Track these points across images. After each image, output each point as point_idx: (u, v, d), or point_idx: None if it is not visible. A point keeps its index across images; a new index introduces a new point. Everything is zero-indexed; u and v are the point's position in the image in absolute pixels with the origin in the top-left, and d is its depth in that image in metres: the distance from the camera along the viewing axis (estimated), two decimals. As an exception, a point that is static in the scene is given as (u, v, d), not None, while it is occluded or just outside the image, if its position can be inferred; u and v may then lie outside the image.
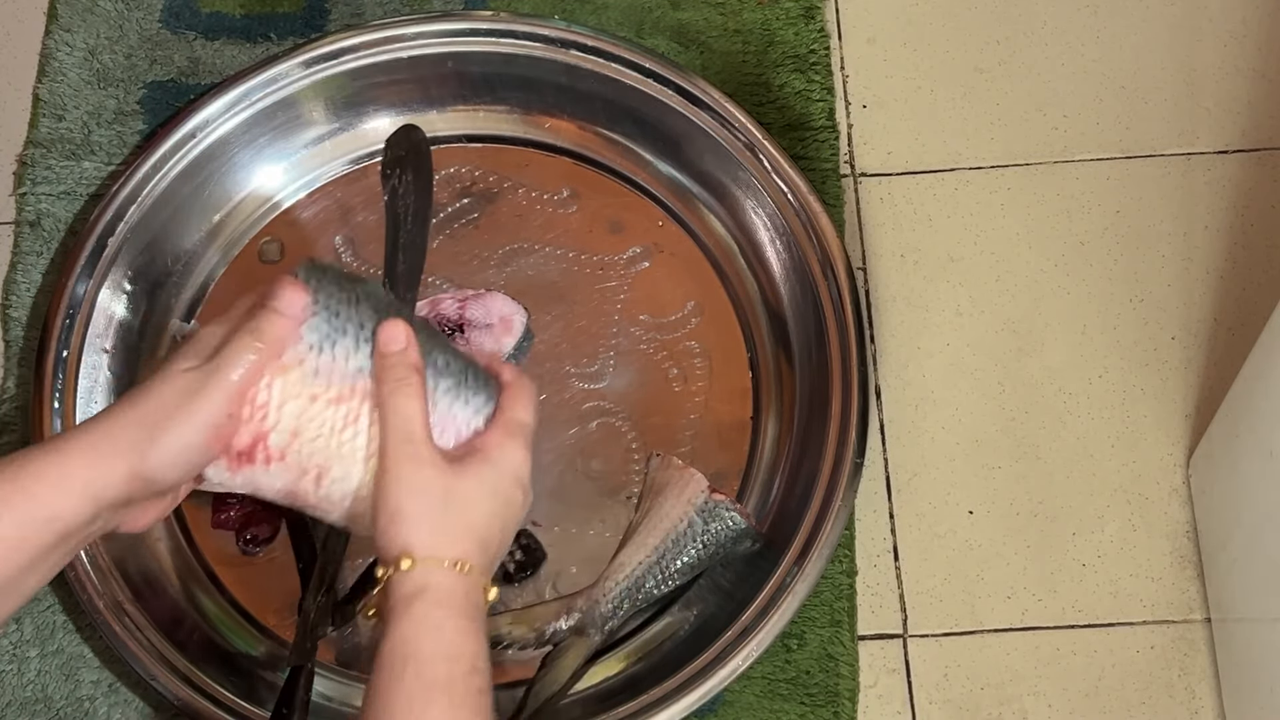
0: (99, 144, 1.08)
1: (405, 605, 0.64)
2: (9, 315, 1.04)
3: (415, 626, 0.64)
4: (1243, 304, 1.03)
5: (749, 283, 1.04)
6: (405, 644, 0.63)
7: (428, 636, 0.64)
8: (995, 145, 1.09)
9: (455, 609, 0.65)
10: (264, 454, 0.68)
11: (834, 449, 0.94)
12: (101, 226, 1.01)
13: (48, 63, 1.11)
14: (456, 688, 0.63)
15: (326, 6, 1.13)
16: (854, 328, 0.97)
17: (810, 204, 1.01)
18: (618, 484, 0.98)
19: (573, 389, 1.00)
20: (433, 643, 0.64)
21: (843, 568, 0.95)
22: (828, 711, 0.92)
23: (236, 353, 0.66)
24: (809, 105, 1.08)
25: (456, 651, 0.64)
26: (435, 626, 0.64)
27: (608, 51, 1.05)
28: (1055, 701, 0.93)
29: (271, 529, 0.96)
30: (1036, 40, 1.12)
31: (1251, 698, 0.88)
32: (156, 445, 0.64)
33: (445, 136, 1.08)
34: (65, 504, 0.63)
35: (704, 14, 1.12)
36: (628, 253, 1.04)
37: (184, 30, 1.13)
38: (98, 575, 0.92)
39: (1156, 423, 1.00)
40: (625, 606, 0.90)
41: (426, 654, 0.63)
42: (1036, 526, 0.98)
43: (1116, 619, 0.95)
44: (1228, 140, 1.08)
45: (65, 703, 0.93)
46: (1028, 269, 1.05)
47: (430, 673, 0.63)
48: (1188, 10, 1.13)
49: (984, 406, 1.01)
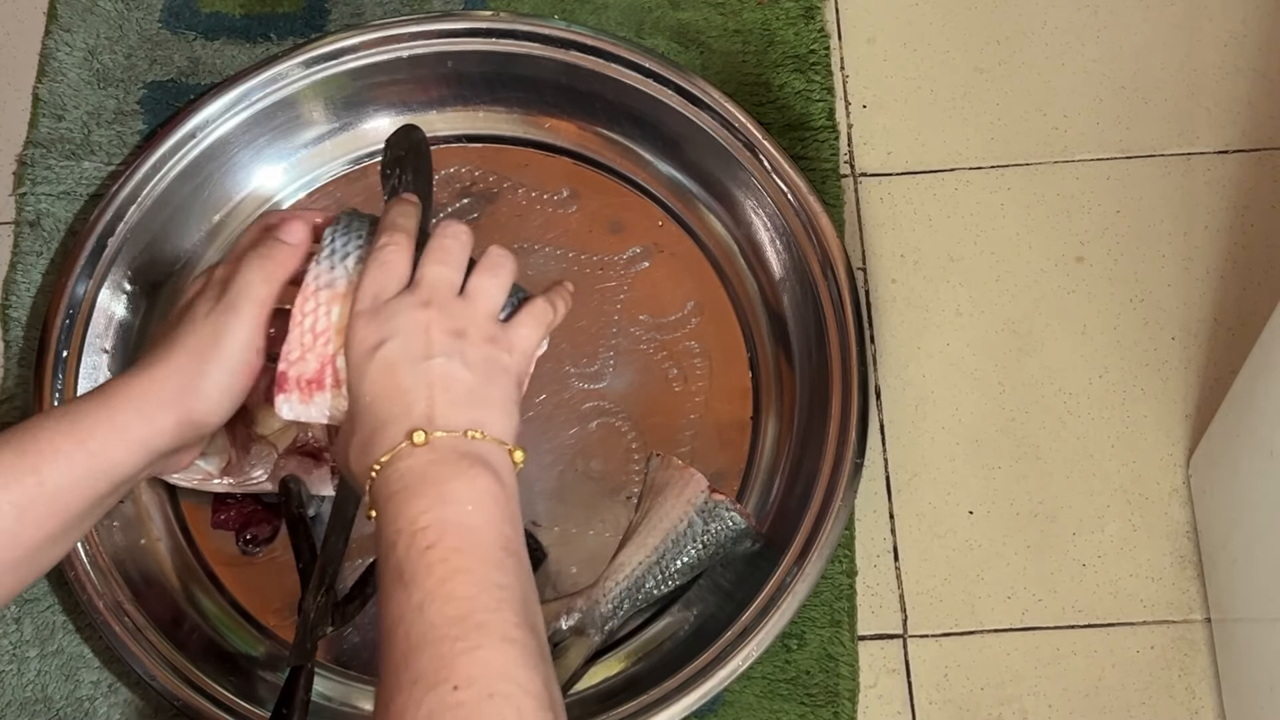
0: (99, 144, 1.08)
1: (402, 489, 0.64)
2: (9, 315, 1.04)
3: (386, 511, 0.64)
4: (1243, 304, 1.03)
5: (749, 283, 1.04)
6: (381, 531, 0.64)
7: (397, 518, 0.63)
8: (995, 145, 1.09)
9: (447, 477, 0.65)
10: (333, 378, 0.70)
11: (834, 449, 0.94)
12: (101, 226, 1.01)
13: (48, 63, 1.11)
14: (405, 565, 0.62)
15: (326, 6, 1.13)
16: (854, 328, 0.97)
17: (810, 204, 1.01)
18: (618, 484, 0.98)
19: (573, 389, 1.00)
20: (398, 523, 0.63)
21: (843, 568, 0.95)
22: (828, 711, 0.92)
23: (246, 284, 0.69)
24: (809, 105, 1.08)
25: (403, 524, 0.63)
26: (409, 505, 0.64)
27: (608, 51, 1.05)
28: (1055, 701, 0.93)
29: (271, 529, 0.96)
30: (1036, 40, 1.12)
31: (1251, 698, 0.88)
32: (198, 391, 0.68)
33: (445, 136, 1.08)
34: (121, 455, 0.67)
35: (704, 14, 1.12)
36: (628, 253, 1.05)
37: (184, 30, 1.13)
38: (98, 575, 0.92)
39: (1156, 423, 1.00)
40: (625, 606, 0.90)
41: (385, 540, 0.63)
42: (1036, 526, 0.98)
43: (1116, 619, 0.95)
44: (1228, 140, 1.08)
45: (65, 703, 0.93)
46: (1028, 269, 1.05)
47: (390, 559, 0.62)
48: (1188, 10, 1.13)
49: (984, 406, 1.01)
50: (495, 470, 0.65)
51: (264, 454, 0.93)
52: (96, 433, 0.66)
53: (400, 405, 0.66)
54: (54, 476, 0.65)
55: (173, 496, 0.98)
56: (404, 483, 0.64)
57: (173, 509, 0.98)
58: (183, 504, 0.98)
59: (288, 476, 0.93)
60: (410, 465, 0.64)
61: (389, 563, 0.62)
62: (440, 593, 0.60)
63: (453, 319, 0.68)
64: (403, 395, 0.66)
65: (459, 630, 0.59)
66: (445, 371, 0.67)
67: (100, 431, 0.66)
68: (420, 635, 0.59)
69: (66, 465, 0.65)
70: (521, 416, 0.70)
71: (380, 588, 0.63)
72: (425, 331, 0.67)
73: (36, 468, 0.65)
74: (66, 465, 0.65)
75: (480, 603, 0.60)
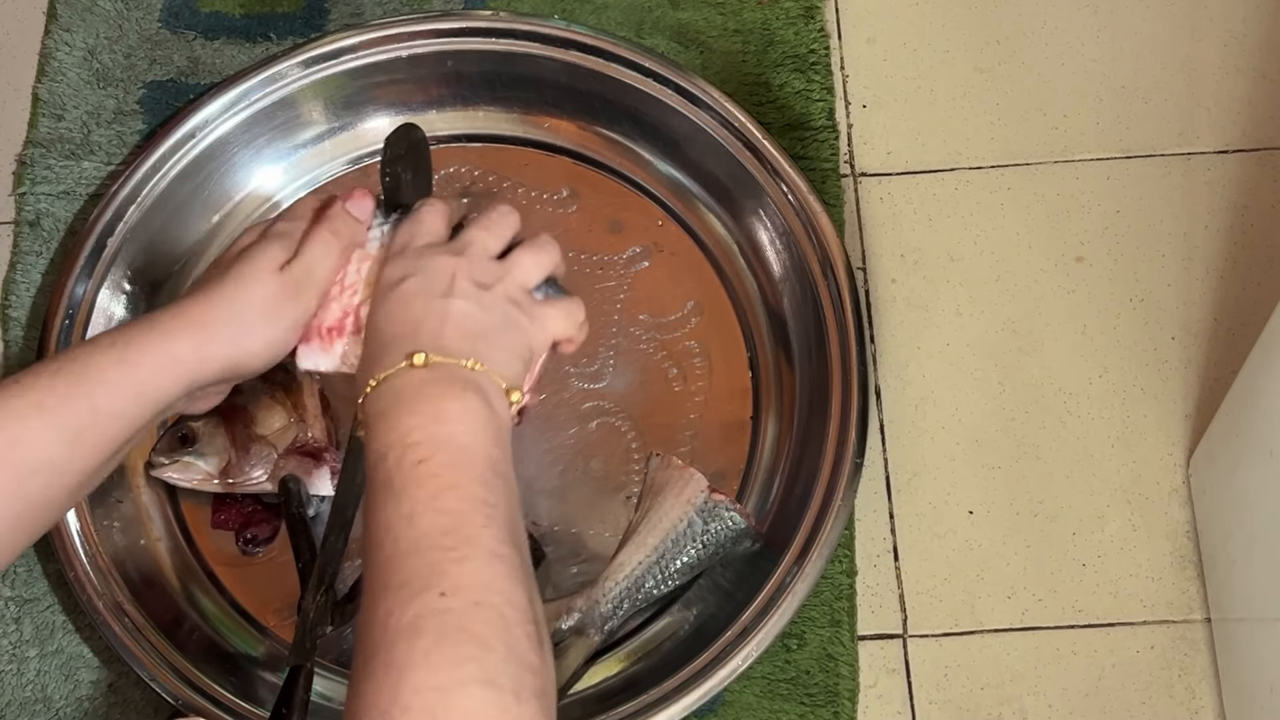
0: (99, 144, 1.08)
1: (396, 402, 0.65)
2: (9, 315, 1.04)
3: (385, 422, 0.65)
4: (1243, 304, 1.03)
5: (749, 283, 1.04)
6: (373, 443, 0.64)
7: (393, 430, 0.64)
8: (995, 145, 1.09)
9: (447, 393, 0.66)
10: (354, 324, 0.73)
11: (834, 449, 0.94)
12: (101, 226, 1.01)
13: (47, 62, 1.11)
14: (394, 476, 0.62)
15: (326, 6, 1.13)
16: (854, 328, 0.97)
17: (810, 204, 1.01)
18: (618, 484, 0.98)
19: (573, 389, 1.00)
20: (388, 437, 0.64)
21: (843, 568, 0.95)
22: (828, 711, 0.92)
23: (324, 256, 0.72)
24: (809, 105, 1.08)
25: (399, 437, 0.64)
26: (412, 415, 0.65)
27: (608, 51, 1.05)
28: (1055, 701, 0.93)
29: (271, 529, 0.96)
30: (1036, 40, 1.12)
31: (1251, 698, 0.88)
32: (254, 338, 0.70)
33: (445, 136, 1.08)
34: (168, 384, 0.68)
35: (704, 14, 1.12)
36: (627, 252, 1.04)
37: (184, 30, 1.13)
38: (98, 575, 0.92)
39: (1156, 423, 1.00)
40: (625, 606, 0.90)
41: (375, 453, 0.64)
42: (1036, 526, 0.98)
43: (1116, 619, 0.95)
44: (1228, 140, 1.08)
45: (65, 703, 0.93)
46: (1028, 269, 1.05)
47: (380, 470, 0.63)
48: (1188, 10, 1.13)
49: (984, 406, 1.01)
50: (488, 398, 0.66)
51: (264, 454, 0.93)
52: (146, 361, 0.68)
53: (408, 329, 0.68)
54: (104, 404, 0.67)
55: (173, 496, 0.98)
56: (399, 398, 0.65)
57: (173, 509, 0.98)
58: (183, 504, 0.98)
59: (287, 476, 0.93)
60: (406, 382, 0.66)
61: (378, 474, 0.63)
62: (431, 505, 0.61)
63: (482, 273, 0.70)
64: (413, 320, 0.68)
65: (449, 541, 0.60)
66: (461, 309, 0.68)
67: (150, 360, 0.68)
68: (411, 543, 0.60)
69: (116, 393, 0.67)
70: None
71: (369, 498, 0.63)
72: (451, 275, 0.69)
73: (89, 394, 0.66)
74: (116, 393, 0.67)
75: (470, 518, 0.61)
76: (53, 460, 0.65)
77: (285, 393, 0.95)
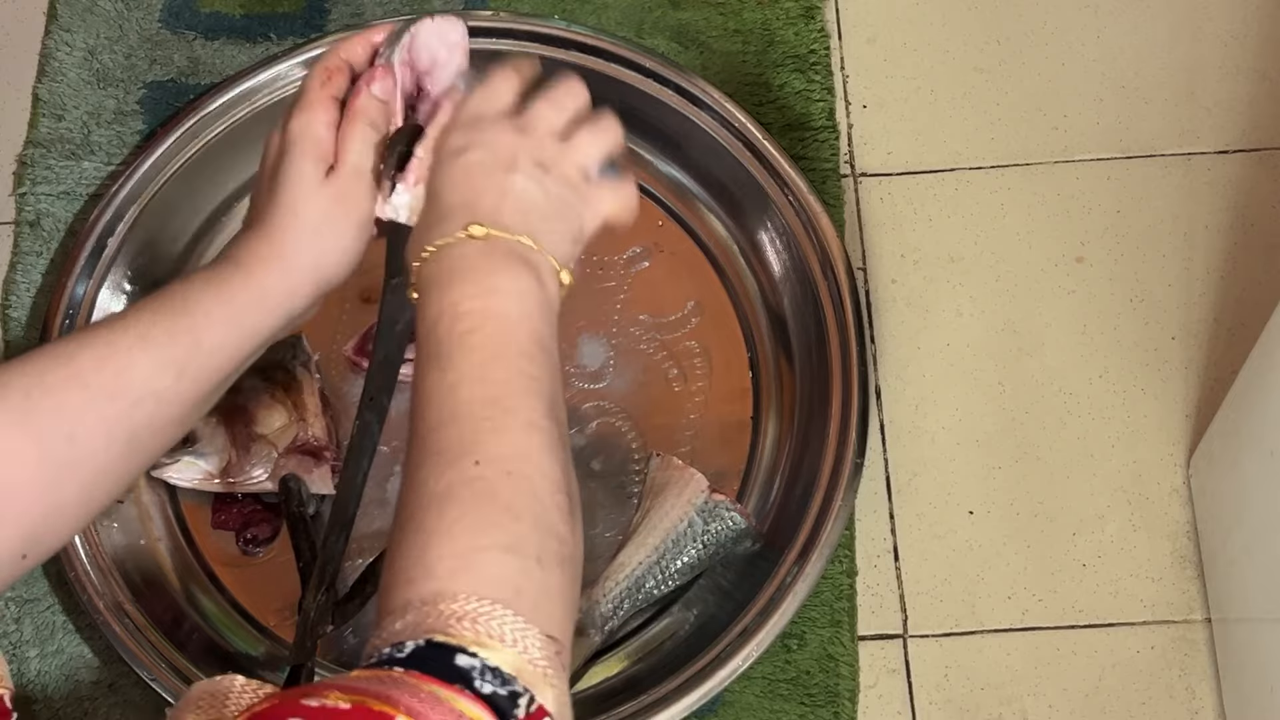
0: (99, 144, 1.08)
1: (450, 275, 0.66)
2: (9, 315, 1.04)
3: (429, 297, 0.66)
4: (1243, 304, 1.03)
5: (749, 283, 1.04)
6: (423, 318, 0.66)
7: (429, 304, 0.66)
8: (995, 145, 1.09)
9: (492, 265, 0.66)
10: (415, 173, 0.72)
11: (834, 449, 0.94)
12: (101, 226, 1.01)
13: (47, 63, 1.11)
14: (441, 347, 0.64)
15: (326, 6, 1.13)
16: (854, 328, 0.97)
17: (810, 204, 1.01)
18: (618, 484, 0.98)
19: (573, 389, 1.00)
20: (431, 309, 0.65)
21: (843, 568, 0.95)
22: (828, 712, 0.92)
23: (365, 153, 0.72)
24: (809, 105, 1.08)
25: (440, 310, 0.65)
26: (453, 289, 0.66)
27: (608, 51, 1.05)
28: (1055, 702, 0.93)
29: (272, 529, 0.96)
30: (1036, 40, 1.12)
31: (1251, 698, 0.88)
32: (328, 257, 0.71)
33: (445, 136, 1.08)
34: (265, 319, 0.70)
35: (704, 14, 1.12)
36: (627, 253, 1.04)
37: (184, 30, 1.13)
38: (98, 575, 0.92)
39: (1156, 423, 1.00)
40: (625, 606, 0.90)
41: (426, 323, 0.65)
42: (1036, 526, 0.98)
43: (1116, 619, 0.95)
44: (1228, 140, 1.08)
45: (65, 703, 0.93)
46: (1028, 269, 1.05)
47: (427, 340, 0.64)
48: (1188, 10, 1.13)
49: (984, 406, 1.01)
50: (540, 275, 0.67)
51: (264, 453, 0.93)
52: (239, 298, 0.69)
53: (468, 200, 0.68)
54: (209, 338, 0.68)
55: (173, 496, 0.98)
56: (453, 268, 0.66)
57: (173, 509, 0.98)
58: (183, 504, 0.98)
59: (288, 475, 0.93)
60: (462, 253, 0.66)
61: (427, 343, 0.64)
62: (474, 375, 0.62)
63: (543, 152, 0.70)
64: (473, 193, 0.68)
65: (488, 411, 0.61)
66: (520, 186, 0.68)
67: (244, 297, 0.69)
68: (450, 412, 0.61)
69: (219, 328, 0.68)
70: None
71: (417, 365, 0.64)
72: (513, 151, 0.69)
73: (192, 328, 0.67)
74: (219, 328, 0.68)
75: (512, 388, 0.62)
76: (159, 391, 0.66)
77: (285, 392, 0.95)
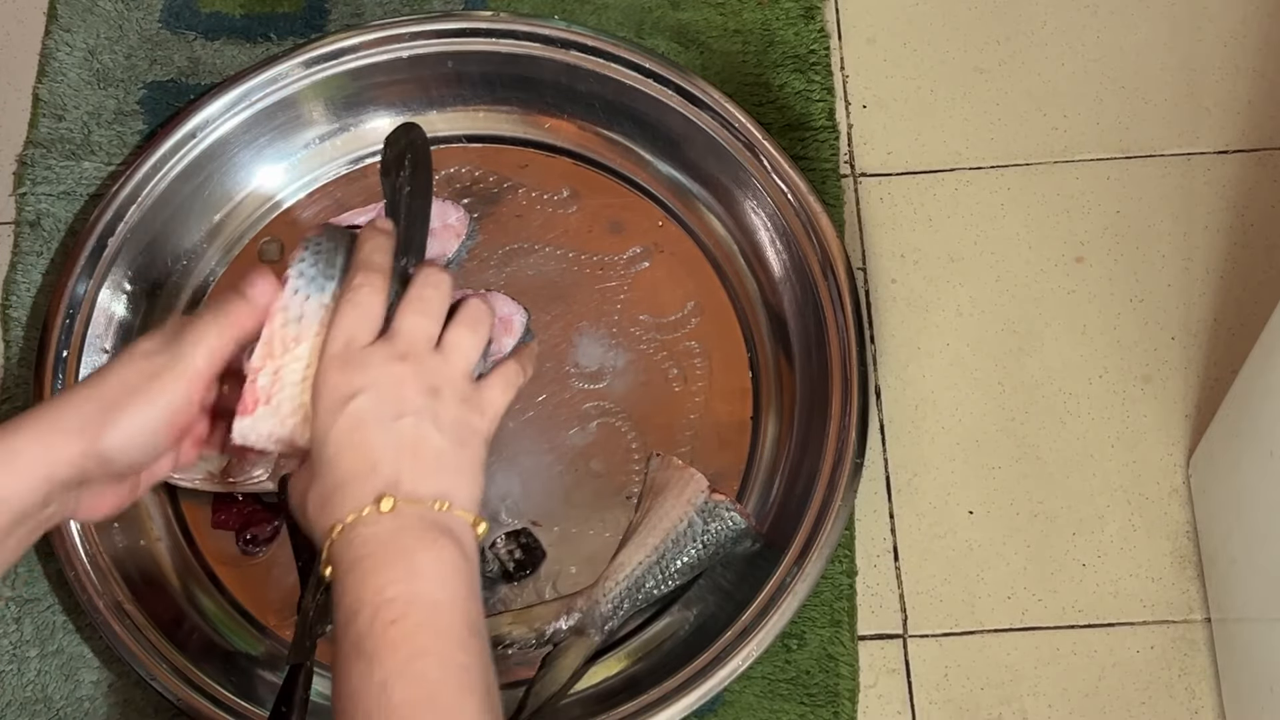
0: (99, 144, 1.08)
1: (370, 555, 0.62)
2: (9, 315, 1.04)
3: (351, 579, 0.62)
4: (1243, 304, 1.03)
5: (749, 283, 1.04)
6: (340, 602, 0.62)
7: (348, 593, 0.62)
8: (995, 145, 1.09)
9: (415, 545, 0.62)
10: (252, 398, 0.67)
11: (834, 449, 0.94)
12: (101, 226, 1.01)
13: (48, 63, 1.12)
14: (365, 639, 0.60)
15: (326, 6, 1.13)
16: (854, 328, 0.97)
17: (810, 204, 1.01)
18: (618, 484, 0.98)
19: (573, 389, 1.00)
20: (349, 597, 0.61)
21: (843, 568, 0.95)
22: (828, 711, 0.92)
23: (199, 335, 0.65)
24: (809, 105, 1.08)
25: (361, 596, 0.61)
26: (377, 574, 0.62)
27: (608, 51, 1.05)
28: (1055, 701, 0.93)
29: (272, 529, 0.96)
30: (1036, 40, 1.12)
31: (1251, 698, 0.88)
32: (114, 424, 0.63)
33: (445, 136, 1.08)
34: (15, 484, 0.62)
35: (704, 14, 1.12)
36: (628, 253, 1.05)
37: (184, 30, 1.13)
38: (98, 575, 0.92)
39: (1156, 423, 1.00)
40: (625, 606, 0.90)
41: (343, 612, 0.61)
42: (1036, 526, 0.98)
43: (1116, 619, 0.95)
44: (1228, 140, 1.08)
45: (65, 703, 0.93)
46: (1028, 269, 1.05)
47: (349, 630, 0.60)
48: (1188, 10, 1.13)
49: (984, 406, 1.01)
50: (461, 544, 0.63)
51: (264, 453, 0.93)
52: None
53: (366, 464, 0.64)
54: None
55: (173, 496, 0.98)
56: (368, 550, 0.62)
57: (173, 509, 0.98)
58: (183, 504, 0.98)
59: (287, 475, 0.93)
60: (375, 532, 0.62)
61: (348, 634, 0.61)
62: (406, 672, 0.59)
63: (428, 376, 0.66)
64: (370, 454, 0.64)
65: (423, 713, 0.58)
66: (417, 434, 0.65)
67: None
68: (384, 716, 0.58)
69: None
70: (518, 418, 0.68)
71: (337, 658, 0.61)
72: (399, 387, 0.65)
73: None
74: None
75: (446, 686, 0.59)
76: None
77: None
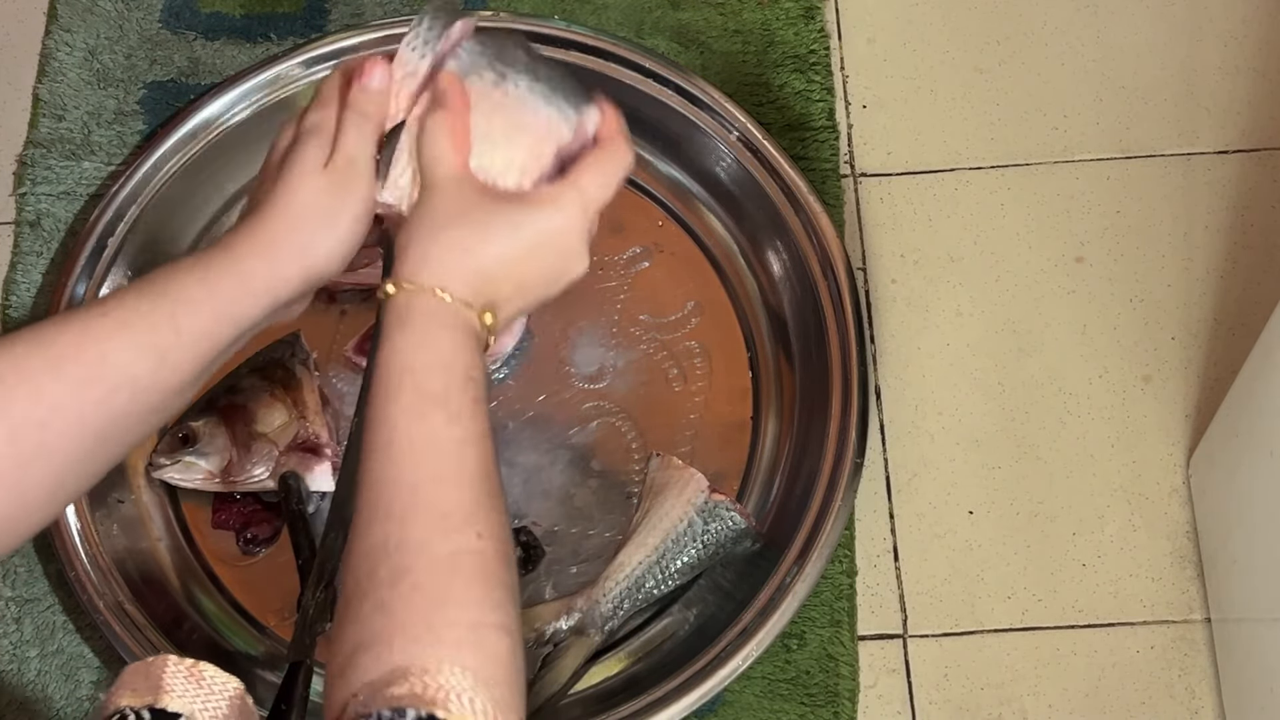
0: (99, 144, 1.09)
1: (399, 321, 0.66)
2: (9, 315, 1.04)
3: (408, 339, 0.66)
4: (1243, 304, 1.03)
5: (749, 283, 1.04)
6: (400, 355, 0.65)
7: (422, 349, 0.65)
8: (995, 145, 1.09)
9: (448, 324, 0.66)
10: None
11: (834, 449, 0.94)
12: (101, 226, 1.01)
13: (48, 63, 1.12)
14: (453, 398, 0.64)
15: (326, 6, 1.13)
16: (854, 328, 0.97)
17: (810, 204, 1.01)
18: (618, 484, 0.97)
19: (573, 389, 1.00)
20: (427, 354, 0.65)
21: (843, 568, 0.95)
22: (828, 711, 0.92)
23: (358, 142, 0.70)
24: (809, 105, 1.08)
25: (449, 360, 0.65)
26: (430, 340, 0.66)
27: (608, 51, 1.05)
28: (1055, 701, 0.93)
29: (272, 529, 0.96)
30: (1036, 40, 1.12)
31: (1251, 698, 0.88)
32: (321, 245, 0.69)
33: (445, 136, 1.08)
34: (247, 306, 0.68)
35: (704, 14, 1.12)
36: (628, 253, 1.04)
37: (184, 30, 1.13)
38: (98, 575, 0.92)
39: (1156, 423, 1.00)
40: (625, 606, 0.90)
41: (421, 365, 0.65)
42: (1036, 526, 0.98)
43: (1116, 619, 0.95)
44: (1228, 140, 1.08)
45: (65, 703, 0.93)
46: (1028, 269, 1.05)
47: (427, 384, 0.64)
48: (1188, 10, 1.13)
49: (984, 406, 1.01)
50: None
51: (265, 452, 0.93)
52: (224, 284, 0.68)
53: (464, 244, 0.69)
54: (189, 324, 0.67)
55: (173, 497, 0.98)
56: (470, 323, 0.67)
57: (173, 509, 0.98)
58: (183, 504, 0.98)
59: (287, 473, 0.93)
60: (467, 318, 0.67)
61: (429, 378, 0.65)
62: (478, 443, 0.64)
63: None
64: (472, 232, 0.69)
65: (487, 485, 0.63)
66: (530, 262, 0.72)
67: (227, 283, 0.68)
68: (456, 471, 0.63)
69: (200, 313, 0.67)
70: (518, 418, 0.71)
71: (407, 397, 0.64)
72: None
73: (173, 314, 0.67)
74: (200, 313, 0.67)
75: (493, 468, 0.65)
76: (138, 377, 0.66)
77: (285, 390, 0.95)
